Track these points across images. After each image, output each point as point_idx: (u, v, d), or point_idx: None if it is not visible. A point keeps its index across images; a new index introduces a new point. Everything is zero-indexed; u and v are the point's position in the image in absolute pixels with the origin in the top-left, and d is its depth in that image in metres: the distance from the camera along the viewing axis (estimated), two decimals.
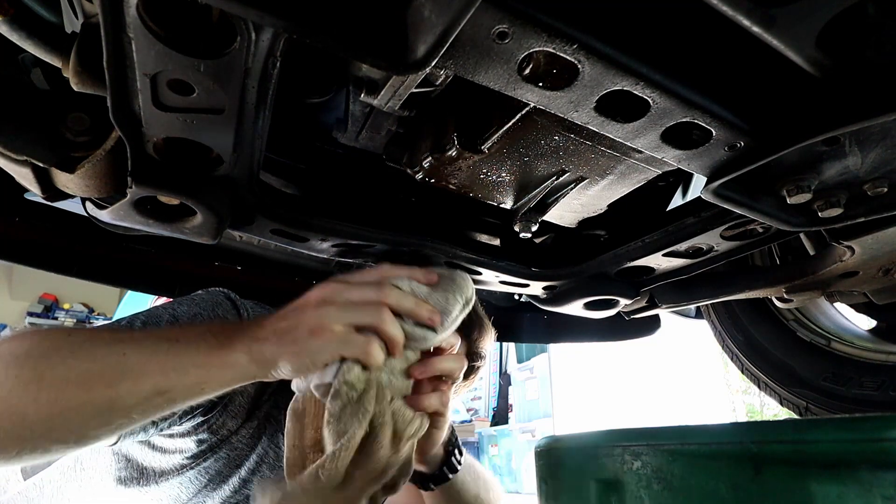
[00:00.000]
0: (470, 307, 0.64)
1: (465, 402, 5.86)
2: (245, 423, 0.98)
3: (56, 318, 6.37)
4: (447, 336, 0.63)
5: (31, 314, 6.30)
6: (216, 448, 0.96)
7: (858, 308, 1.27)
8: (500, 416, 5.58)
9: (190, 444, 0.94)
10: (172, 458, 0.95)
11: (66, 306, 6.50)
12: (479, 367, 1.05)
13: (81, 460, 0.96)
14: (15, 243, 1.12)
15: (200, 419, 0.92)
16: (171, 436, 0.92)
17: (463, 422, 5.74)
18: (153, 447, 0.94)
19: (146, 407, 0.56)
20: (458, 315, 0.62)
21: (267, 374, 0.57)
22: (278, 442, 1.03)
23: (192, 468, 0.96)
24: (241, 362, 0.56)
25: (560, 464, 0.72)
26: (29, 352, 0.57)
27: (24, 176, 0.63)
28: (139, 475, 0.97)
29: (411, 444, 0.63)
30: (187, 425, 0.91)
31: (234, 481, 1.02)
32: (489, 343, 1.07)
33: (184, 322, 0.81)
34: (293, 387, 0.60)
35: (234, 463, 1.00)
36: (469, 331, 1.01)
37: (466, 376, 1.06)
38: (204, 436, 0.94)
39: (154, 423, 0.81)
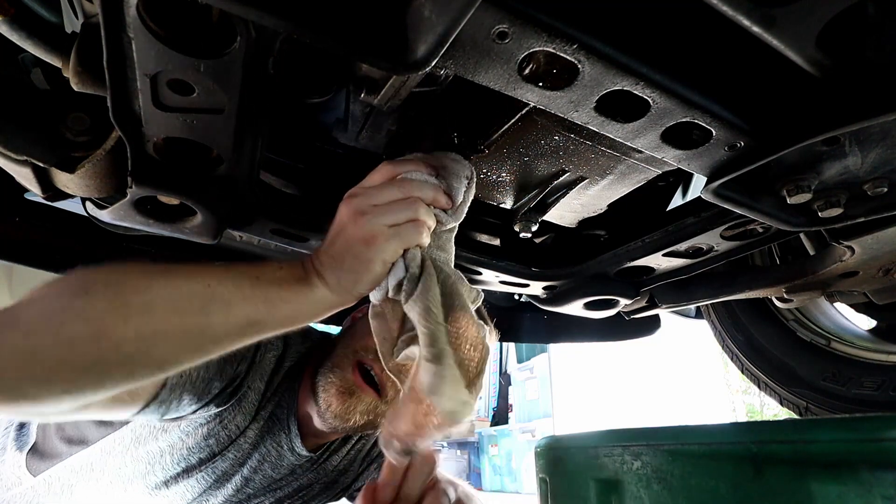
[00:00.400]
0: (473, 184, 0.68)
1: None
2: (252, 423, 0.99)
3: None
4: (462, 216, 0.68)
5: None
6: (224, 450, 0.98)
7: (858, 308, 1.27)
8: (500, 416, 5.58)
9: (199, 441, 0.95)
10: (182, 459, 0.96)
11: None
12: None
13: (92, 461, 0.97)
14: (15, 243, 1.12)
15: (215, 410, 0.93)
16: (186, 433, 0.93)
17: None
18: (163, 452, 0.95)
19: (238, 336, 0.57)
20: (466, 195, 0.67)
21: (350, 297, 0.60)
22: (280, 441, 1.04)
23: (200, 470, 0.98)
24: (325, 296, 0.59)
25: (560, 464, 0.72)
26: (111, 277, 0.56)
27: (24, 176, 0.63)
28: (157, 487, 0.98)
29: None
30: (203, 414, 0.91)
31: (237, 480, 1.03)
32: (491, 343, 1.07)
33: None
34: (372, 298, 0.62)
35: (239, 462, 1.02)
36: None
37: None
38: (215, 427, 0.95)
39: (166, 405, 0.82)
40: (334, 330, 1.21)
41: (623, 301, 1.10)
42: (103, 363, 0.52)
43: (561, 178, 0.79)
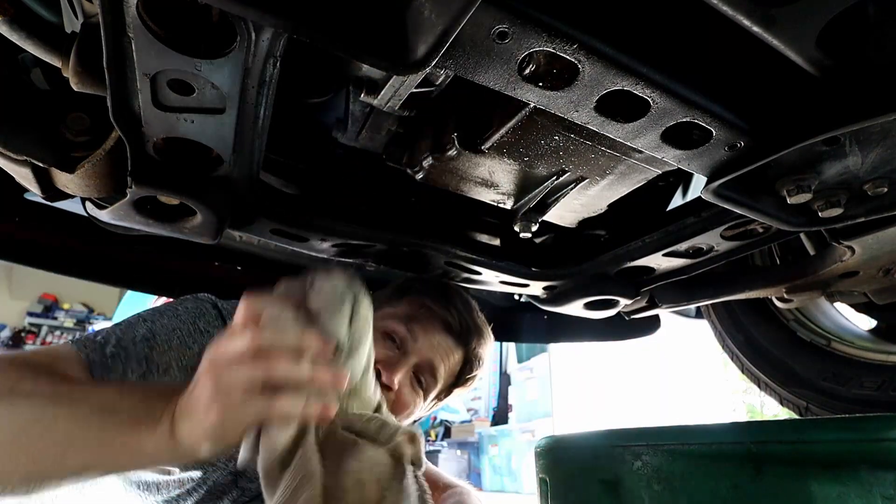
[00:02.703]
0: (362, 299, 0.60)
1: (465, 402, 5.86)
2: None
3: (56, 318, 6.38)
4: (366, 349, 0.59)
5: (30, 314, 6.31)
6: (217, 461, 0.98)
7: (858, 308, 1.27)
8: (500, 416, 5.58)
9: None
10: (180, 483, 0.96)
11: (66, 306, 6.50)
12: (476, 374, 1.06)
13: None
14: (15, 243, 1.12)
15: None
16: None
17: (463, 422, 5.74)
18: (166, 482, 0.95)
19: (72, 479, 0.57)
20: (356, 322, 0.58)
21: (193, 452, 0.54)
22: None
23: (202, 486, 0.98)
24: (162, 448, 0.53)
25: (560, 464, 0.72)
26: None
27: (24, 176, 0.63)
28: (148, 489, 0.98)
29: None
30: None
31: (234, 493, 1.03)
32: (488, 349, 1.07)
33: (160, 337, 0.80)
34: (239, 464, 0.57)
35: (235, 473, 1.02)
36: (467, 339, 1.01)
37: (465, 382, 1.07)
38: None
39: None
40: None
41: (623, 301, 1.10)
42: None
43: (561, 178, 0.79)
